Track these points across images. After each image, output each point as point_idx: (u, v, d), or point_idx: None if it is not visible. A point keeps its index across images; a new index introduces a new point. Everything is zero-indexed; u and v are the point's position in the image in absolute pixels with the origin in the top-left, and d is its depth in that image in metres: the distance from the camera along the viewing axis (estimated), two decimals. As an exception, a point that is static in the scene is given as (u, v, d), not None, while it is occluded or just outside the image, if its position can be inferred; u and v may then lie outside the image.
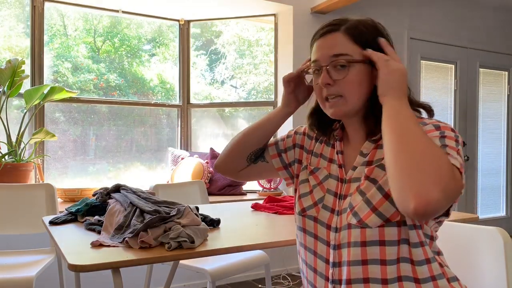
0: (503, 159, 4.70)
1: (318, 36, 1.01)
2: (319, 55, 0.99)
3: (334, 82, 0.96)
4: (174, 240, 1.35)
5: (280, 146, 1.20)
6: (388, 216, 0.90)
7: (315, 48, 1.01)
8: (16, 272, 1.90)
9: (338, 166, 1.05)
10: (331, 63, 0.97)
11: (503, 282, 1.18)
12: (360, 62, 0.96)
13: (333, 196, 1.02)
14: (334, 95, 0.97)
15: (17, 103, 2.99)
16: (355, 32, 0.98)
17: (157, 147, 3.55)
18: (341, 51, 0.96)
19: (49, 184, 2.36)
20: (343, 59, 0.96)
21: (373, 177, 0.94)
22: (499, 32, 4.58)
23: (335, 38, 0.98)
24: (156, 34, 3.61)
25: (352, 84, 0.96)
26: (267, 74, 3.72)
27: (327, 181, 1.05)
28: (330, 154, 1.09)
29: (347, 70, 0.95)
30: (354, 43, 0.97)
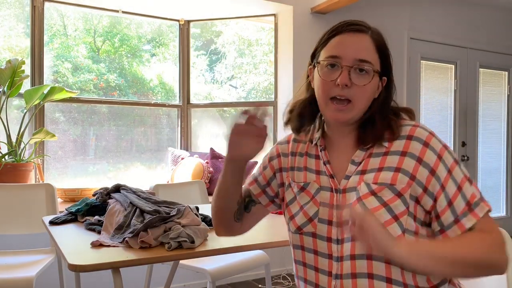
0: (503, 159, 4.70)
1: (344, 31, 0.96)
2: (344, 53, 0.94)
3: (352, 85, 0.93)
4: (174, 240, 1.35)
5: (261, 182, 1.15)
6: (395, 236, 0.89)
7: (337, 42, 0.96)
8: (16, 272, 1.90)
9: (329, 177, 1.01)
10: (355, 66, 0.94)
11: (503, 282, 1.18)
12: (378, 73, 0.96)
13: (328, 207, 0.99)
14: (344, 98, 0.94)
15: (17, 103, 2.99)
16: (380, 41, 0.97)
17: (157, 147, 3.55)
18: (368, 58, 0.94)
19: (49, 184, 2.36)
20: (369, 67, 0.94)
21: (380, 195, 0.92)
22: (499, 32, 4.58)
23: (364, 41, 0.96)
24: (156, 34, 3.61)
25: (367, 93, 0.95)
26: (267, 74, 3.72)
27: (319, 194, 1.01)
28: (316, 165, 1.05)
29: (369, 79, 0.94)
30: (376, 52, 0.96)
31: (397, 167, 0.93)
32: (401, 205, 0.91)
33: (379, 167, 0.95)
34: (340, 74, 0.93)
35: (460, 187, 0.91)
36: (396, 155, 0.94)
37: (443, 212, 0.91)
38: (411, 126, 0.96)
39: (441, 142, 0.94)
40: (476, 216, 0.90)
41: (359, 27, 0.96)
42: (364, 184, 0.94)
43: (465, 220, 0.90)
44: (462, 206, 0.90)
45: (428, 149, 0.92)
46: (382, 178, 0.93)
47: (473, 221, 0.89)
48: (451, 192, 0.90)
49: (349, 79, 0.93)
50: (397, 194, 0.91)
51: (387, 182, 0.92)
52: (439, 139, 0.94)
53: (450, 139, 4.31)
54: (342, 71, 0.93)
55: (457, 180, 0.91)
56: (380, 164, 0.95)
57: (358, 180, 0.96)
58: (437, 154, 0.92)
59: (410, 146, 0.93)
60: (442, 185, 0.91)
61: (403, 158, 0.93)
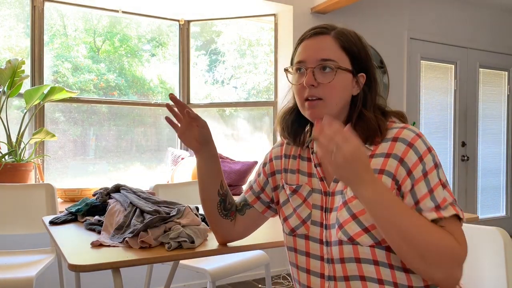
0: (503, 159, 4.70)
1: (307, 37, 1.01)
2: (306, 56, 0.99)
3: (318, 84, 0.97)
4: (174, 240, 1.35)
5: (255, 189, 1.18)
6: (380, 240, 0.91)
7: (302, 48, 1.01)
8: (16, 272, 1.90)
9: (319, 180, 1.04)
10: (317, 65, 0.97)
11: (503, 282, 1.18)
12: (345, 70, 0.98)
13: (319, 210, 1.01)
14: (315, 97, 0.97)
15: (17, 103, 2.99)
16: (344, 39, 0.99)
17: (157, 147, 3.55)
18: (329, 56, 0.97)
19: (49, 184, 2.36)
20: (331, 65, 0.97)
21: None
22: (499, 32, 4.58)
23: (325, 41, 0.99)
24: (156, 34, 3.60)
25: (335, 89, 0.97)
26: (267, 74, 3.72)
27: (311, 197, 1.04)
28: (308, 168, 1.07)
29: (333, 75, 0.97)
30: (342, 50, 0.98)
31: (381, 169, 0.93)
32: None
33: None
34: (305, 76, 0.97)
35: (431, 190, 0.90)
36: (381, 157, 0.95)
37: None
38: (399, 128, 0.97)
39: (426, 144, 0.94)
40: (440, 215, 0.88)
41: (320, 30, 1.00)
42: (349, 188, 0.94)
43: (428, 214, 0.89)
44: (431, 207, 0.89)
45: (411, 149, 0.92)
46: None
47: (434, 216, 0.88)
48: (419, 193, 0.90)
49: (314, 79, 0.97)
50: None
51: None
52: (425, 141, 0.94)
53: (450, 139, 4.31)
54: (307, 73, 0.98)
55: (430, 183, 0.91)
56: None
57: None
58: (419, 155, 0.92)
59: (394, 147, 0.94)
60: (412, 186, 0.91)
61: (387, 160, 0.94)
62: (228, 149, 3.61)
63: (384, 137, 0.96)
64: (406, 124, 0.99)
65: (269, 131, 3.68)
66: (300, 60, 1.00)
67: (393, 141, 0.95)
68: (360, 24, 3.67)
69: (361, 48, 1.00)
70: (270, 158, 1.17)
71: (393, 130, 0.97)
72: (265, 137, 3.72)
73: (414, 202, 0.90)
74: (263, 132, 3.73)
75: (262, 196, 1.17)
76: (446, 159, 4.30)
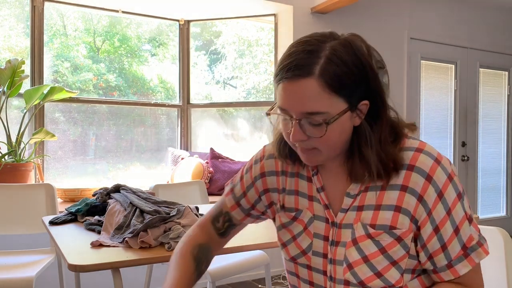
0: (503, 159, 4.70)
1: (284, 78, 0.79)
2: (288, 105, 0.80)
3: (308, 138, 0.82)
4: (174, 240, 1.35)
5: (245, 206, 1.03)
6: (393, 282, 0.84)
7: (282, 92, 0.80)
8: (16, 272, 1.90)
9: (323, 207, 0.91)
10: (304, 118, 0.80)
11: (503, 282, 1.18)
12: (339, 115, 0.79)
13: (323, 240, 0.90)
14: (308, 148, 0.84)
15: (17, 103, 2.99)
16: (333, 76, 0.77)
17: (157, 147, 3.55)
18: (316, 109, 0.78)
19: (49, 184, 2.36)
20: (320, 119, 0.79)
21: (378, 239, 0.84)
22: (499, 32, 4.58)
23: (308, 88, 0.77)
24: (156, 34, 3.60)
25: (329, 141, 0.82)
26: (267, 74, 3.72)
27: (312, 224, 0.92)
28: (308, 190, 0.94)
29: (324, 129, 0.79)
30: (332, 93, 0.78)
31: (397, 206, 0.83)
32: (401, 250, 0.84)
33: (376, 204, 0.85)
34: (292, 129, 0.81)
35: (457, 228, 0.83)
36: (395, 190, 0.83)
37: (436, 253, 0.84)
38: (414, 150, 0.84)
39: (446, 171, 0.82)
40: (472, 262, 0.83)
41: (299, 72, 0.77)
42: (360, 224, 0.85)
43: (460, 266, 0.84)
44: (457, 250, 0.83)
45: (430, 184, 0.81)
46: (381, 219, 0.84)
47: (468, 267, 0.83)
48: (446, 236, 0.82)
49: (303, 133, 0.81)
50: (397, 239, 0.83)
51: (386, 225, 0.84)
52: (445, 166, 0.83)
53: (450, 139, 4.31)
54: (293, 126, 0.81)
55: (455, 221, 0.83)
56: (378, 201, 0.85)
57: (355, 217, 0.87)
58: (438, 191, 0.81)
59: (411, 179, 0.82)
60: (437, 227, 0.82)
61: (403, 194, 0.83)
62: (228, 149, 3.61)
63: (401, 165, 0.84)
64: (421, 143, 0.86)
65: (269, 131, 3.68)
66: (282, 107, 0.82)
67: (408, 170, 0.83)
68: (360, 24, 3.67)
69: (360, 72, 0.79)
70: (262, 172, 1.00)
71: (407, 153, 0.84)
72: (265, 137, 3.72)
73: (440, 245, 0.83)
74: (263, 132, 3.73)
75: (252, 212, 1.03)
76: (446, 159, 4.30)
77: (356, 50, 0.80)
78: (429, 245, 0.84)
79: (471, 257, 0.83)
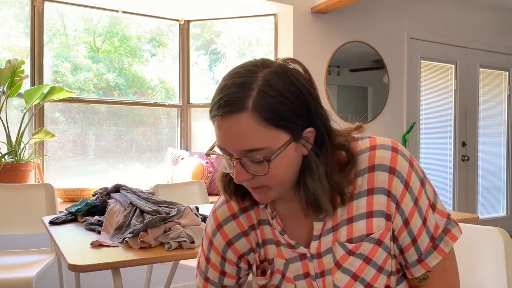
0: (503, 159, 4.70)
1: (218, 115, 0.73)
2: (225, 144, 0.74)
3: (253, 176, 0.75)
4: (174, 240, 1.35)
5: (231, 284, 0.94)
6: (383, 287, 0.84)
7: (217, 130, 0.74)
8: (16, 272, 1.90)
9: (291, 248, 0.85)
10: (243, 157, 0.74)
11: (503, 282, 1.18)
12: (282, 147, 0.73)
13: (304, 278, 0.86)
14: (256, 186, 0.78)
15: (17, 103, 2.99)
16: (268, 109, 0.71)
17: (157, 147, 3.55)
18: (254, 146, 0.72)
19: (49, 184, 2.36)
20: (260, 156, 0.72)
21: (360, 252, 0.81)
22: (499, 32, 4.58)
23: (241, 125, 0.71)
24: (156, 34, 3.60)
25: (275, 176, 0.75)
26: (267, 74, 3.72)
27: (288, 269, 0.86)
28: (273, 235, 0.87)
29: (266, 166, 0.73)
30: (268, 126, 0.71)
31: (368, 212, 0.80)
32: (383, 253, 0.82)
33: (348, 218, 0.81)
34: (234, 170, 0.75)
35: (425, 219, 0.82)
36: (362, 197, 0.80)
37: (406, 248, 0.83)
38: (368, 150, 0.80)
39: (407, 157, 0.81)
40: (442, 252, 0.83)
41: (230, 109, 0.71)
42: (338, 244, 0.81)
43: (430, 258, 0.83)
44: (426, 243, 0.82)
45: (394, 176, 0.79)
46: (356, 231, 0.81)
47: (439, 258, 0.83)
48: (415, 229, 0.82)
49: (245, 171, 0.75)
50: (377, 243, 0.81)
51: (362, 234, 0.81)
52: (403, 153, 0.81)
53: (450, 139, 4.31)
54: (234, 166, 0.75)
55: (422, 210, 0.82)
56: (349, 214, 0.81)
57: (332, 239, 0.82)
58: (404, 181, 0.80)
59: (374, 179, 0.79)
60: (406, 220, 0.81)
61: (372, 198, 0.80)
62: (228, 149, 3.61)
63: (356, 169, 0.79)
64: (372, 139, 0.82)
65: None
66: (220, 146, 0.76)
67: (370, 172, 0.79)
68: (360, 24, 3.67)
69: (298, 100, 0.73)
70: (227, 241, 0.90)
71: (362, 157, 0.80)
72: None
73: (411, 239, 0.82)
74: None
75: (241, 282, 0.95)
76: (446, 159, 4.30)
77: (292, 76, 0.74)
78: (400, 239, 0.83)
79: (440, 248, 0.83)
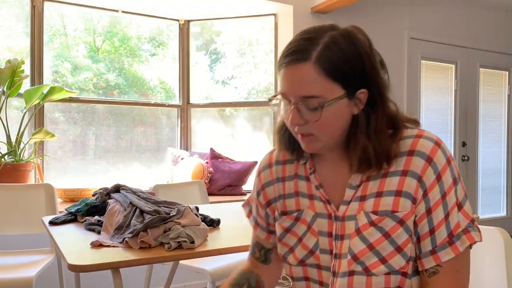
0: (504, 159, 4.70)
1: (284, 64, 0.84)
2: (286, 89, 0.84)
3: (306, 122, 0.84)
4: (174, 240, 1.35)
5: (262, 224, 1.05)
6: (398, 268, 0.85)
7: (282, 77, 0.85)
8: (16, 272, 1.90)
9: (324, 202, 0.92)
10: (300, 102, 0.83)
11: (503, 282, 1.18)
12: (335, 100, 0.82)
13: (327, 236, 0.91)
14: (305, 134, 0.86)
15: (17, 103, 2.99)
16: (330, 61, 0.81)
17: (157, 147, 3.55)
18: (311, 93, 0.81)
19: (48, 184, 2.36)
20: (315, 102, 0.81)
21: (381, 225, 0.85)
22: (499, 32, 4.58)
23: (303, 72, 0.81)
24: (156, 34, 3.60)
25: (325, 126, 0.84)
26: (267, 73, 3.72)
27: (316, 222, 0.92)
28: (307, 189, 0.95)
29: (319, 113, 0.82)
30: (327, 78, 0.81)
31: (398, 190, 0.85)
32: (404, 234, 0.85)
33: (378, 191, 0.87)
34: (291, 114, 0.84)
35: (448, 214, 0.84)
36: (396, 176, 0.86)
37: (423, 237, 0.85)
38: (413, 137, 0.87)
39: (446, 154, 0.85)
40: (456, 250, 0.84)
41: (297, 56, 0.82)
42: (363, 213, 0.87)
43: (443, 253, 0.84)
44: (443, 237, 0.84)
45: (430, 166, 0.84)
46: (383, 205, 0.86)
47: (451, 255, 0.84)
48: (436, 220, 0.84)
49: (300, 117, 0.83)
50: (399, 222, 0.85)
51: (388, 210, 0.85)
52: (445, 150, 0.85)
53: (450, 139, 4.31)
54: (292, 110, 0.84)
55: (448, 206, 0.84)
56: (379, 188, 0.87)
57: (358, 207, 0.88)
58: (437, 173, 0.84)
59: (411, 163, 0.85)
60: (429, 209, 0.84)
61: (404, 179, 0.85)
62: (228, 149, 3.61)
63: (398, 152, 0.86)
64: (420, 130, 0.89)
65: (269, 131, 3.68)
66: (282, 92, 0.85)
67: (409, 156, 0.85)
68: (360, 24, 3.63)
69: (357, 60, 0.82)
70: (261, 186, 1.02)
71: (407, 141, 0.86)
72: (265, 137, 3.71)
73: (429, 229, 0.85)
74: (263, 132, 3.73)
75: (271, 229, 1.04)
76: (446, 159, 4.30)
77: (355, 40, 0.84)
78: (419, 226, 0.85)
79: (455, 245, 0.84)
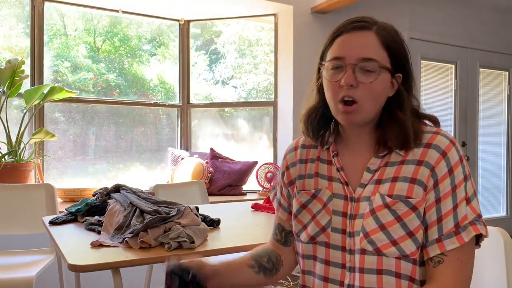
0: (503, 159, 4.70)
1: (347, 30, 0.92)
2: (346, 53, 0.90)
3: (358, 84, 0.89)
4: (174, 240, 1.35)
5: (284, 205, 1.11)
6: (408, 253, 0.88)
7: (340, 43, 0.92)
8: (16, 272, 1.90)
9: (343, 184, 0.97)
10: (358, 64, 0.89)
11: (503, 282, 1.18)
12: (386, 70, 0.91)
13: (341, 216, 0.96)
14: (351, 98, 0.90)
15: (17, 103, 2.99)
16: (387, 36, 0.92)
17: (157, 147, 3.55)
18: (372, 56, 0.89)
19: (49, 184, 2.36)
20: (375, 65, 0.89)
21: (394, 208, 0.89)
22: (499, 32, 4.58)
23: (368, 38, 0.91)
24: (156, 34, 3.60)
25: (374, 91, 0.90)
26: (267, 73, 3.72)
27: (331, 202, 0.98)
28: (328, 171, 1.01)
29: (375, 76, 0.89)
30: (383, 48, 0.91)
31: (413, 178, 0.90)
32: (416, 220, 0.88)
33: (394, 177, 0.91)
34: (344, 74, 0.89)
35: (456, 205, 0.88)
36: (412, 164, 0.91)
37: (431, 225, 0.89)
38: (432, 133, 0.93)
39: (459, 153, 0.90)
40: (461, 240, 0.87)
41: (363, 24, 0.92)
42: (378, 195, 0.91)
43: (448, 241, 0.87)
44: (450, 226, 0.87)
45: (443, 159, 0.89)
46: (398, 190, 0.90)
47: (456, 244, 0.87)
48: (444, 209, 0.88)
49: (354, 78, 0.89)
50: (412, 208, 0.88)
51: (402, 195, 0.89)
52: (458, 149, 0.91)
53: (450, 139, 4.31)
54: (346, 71, 0.89)
55: (457, 198, 0.88)
56: (396, 174, 0.92)
57: (373, 190, 0.93)
58: (449, 167, 0.89)
59: (427, 154, 0.90)
60: (439, 199, 0.88)
61: (419, 168, 0.90)
62: (228, 149, 3.61)
63: (420, 142, 0.92)
64: (438, 129, 0.95)
65: (269, 131, 3.68)
66: (337, 56, 0.91)
67: (426, 148, 0.91)
68: (360, 24, 3.67)
69: (400, 46, 0.94)
70: (286, 166, 1.09)
71: (426, 135, 0.93)
72: (265, 137, 3.72)
73: (437, 217, 0.88)
74: (263, 132, 3.73)
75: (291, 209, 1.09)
76: (446, 159, 4.30)
77: (399, 32, 0.97)
78: (428, 215, 0.89)
79: (461, 236, 0.87)
